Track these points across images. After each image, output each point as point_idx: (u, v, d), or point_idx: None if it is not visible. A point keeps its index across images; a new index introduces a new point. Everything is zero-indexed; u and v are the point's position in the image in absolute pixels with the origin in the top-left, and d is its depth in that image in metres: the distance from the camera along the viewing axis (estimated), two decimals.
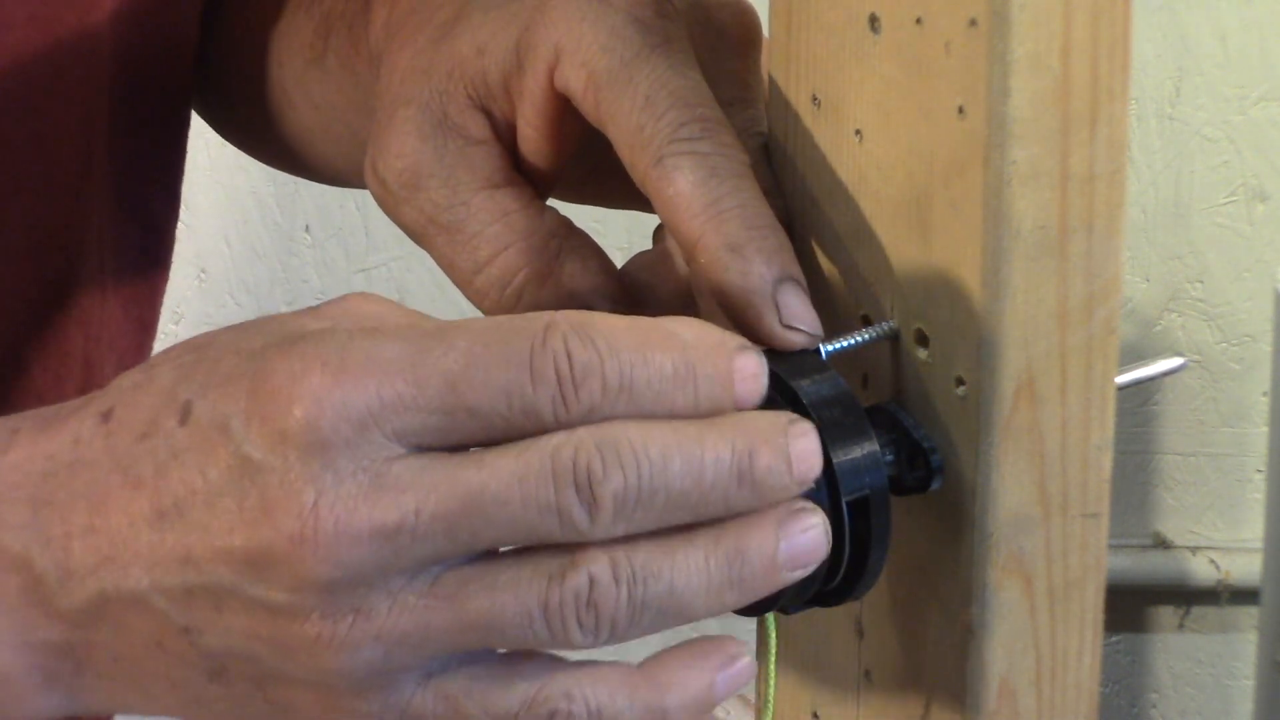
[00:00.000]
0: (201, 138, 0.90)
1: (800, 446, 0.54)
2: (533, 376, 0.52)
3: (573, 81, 0.62)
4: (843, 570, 0.57)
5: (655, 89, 0.61)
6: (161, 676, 0.55)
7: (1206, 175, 1.82)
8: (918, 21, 0.57)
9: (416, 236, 0.66)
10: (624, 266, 0.67)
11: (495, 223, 0.64)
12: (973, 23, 0.55)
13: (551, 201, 0.68)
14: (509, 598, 0.52)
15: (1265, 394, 1.83)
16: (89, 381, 0.82)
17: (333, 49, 0.77)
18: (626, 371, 0.53)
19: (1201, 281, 1.84)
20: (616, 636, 0.53)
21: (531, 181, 0.66)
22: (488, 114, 0.65)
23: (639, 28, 0.62)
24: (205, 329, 0.57)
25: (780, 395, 0.57)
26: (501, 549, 0.53)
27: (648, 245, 0.66)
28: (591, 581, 0.52)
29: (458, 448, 0.53)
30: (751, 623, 0.63)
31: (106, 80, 0.80)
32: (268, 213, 1.85)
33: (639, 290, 0.66)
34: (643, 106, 0.60)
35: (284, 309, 1.86)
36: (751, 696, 0.70)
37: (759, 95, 0.66)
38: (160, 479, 0.54)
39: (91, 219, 0.81)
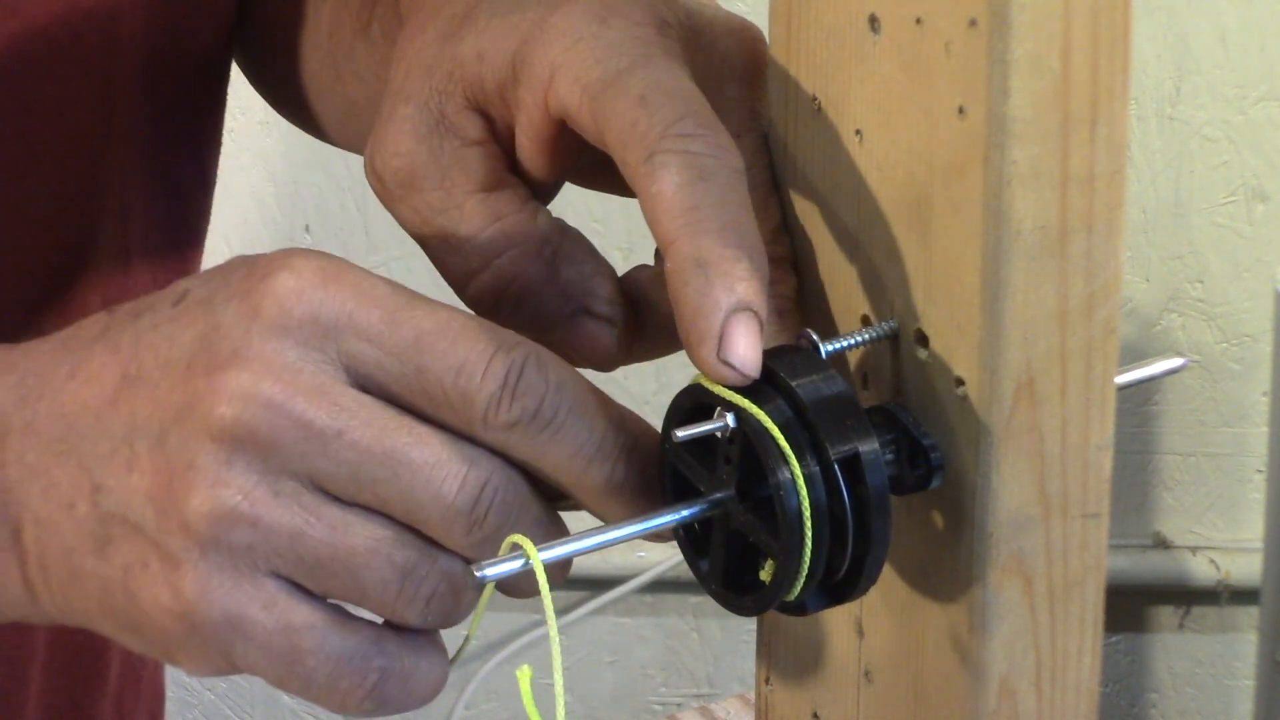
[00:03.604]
0: None
1: None
2: (487, 368, 0.56)
3: (567, 98, 0.61)
4: (847, 565, 0.57)
5: (650, 88, 0.60)
6: (58, 545, 0.57)
7: (1206, 175, 1.82)
8: (918, 22, 0.57)
9: (412, 235, 0.66)
10: (627, 275, 0.66)
11: (488, 228, 0.64)
12: (973, 23, 0.55)
13: (568, 187, 0.67)
14: (381, 553, 0.56)
15: (1265, 394, 1.83)
16: None
17: (378, 19, 0.78)
18: (561, 415, 0.57)
19: (1201, 281, 1.85)
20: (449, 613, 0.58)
21: (529, 184, 0.66)
22: (485, 116, 0.65)
23: (636, 43, 0.61)
24: None
25: (779, 395, 0.57)
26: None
27: (649, 245, 0.66)
28: (445, 576, 0.57)
29: (391, 401, 0.57)
30: (750, 622, 0.63)
31: (129, 46, 0.80)
32: (268, 213, 1.85)
33: (640, 303, 0.66)
34: (637, 104, 0.59)
35: None
36: (751, 696, 0.71)
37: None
38: (135, 347, 0.57)
39: (112, 184, 0.82)
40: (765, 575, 0.58)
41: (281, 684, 0.57)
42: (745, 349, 0.57)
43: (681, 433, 0.57)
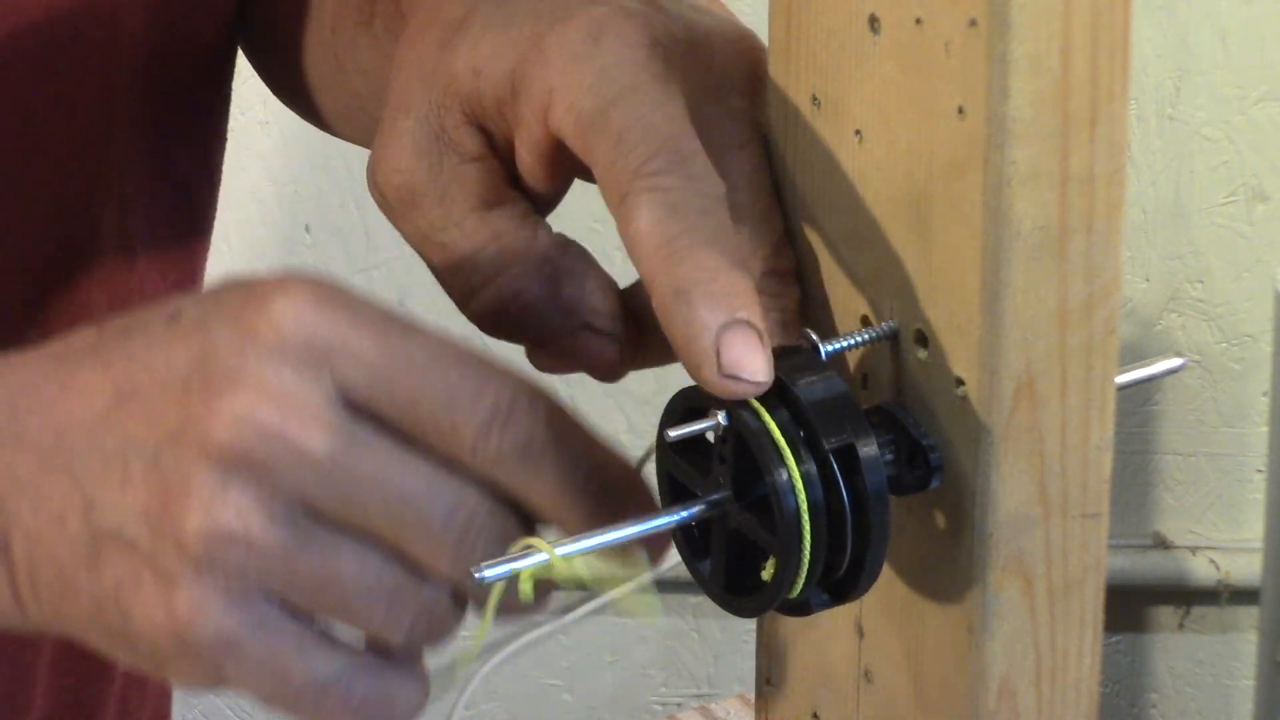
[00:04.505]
0: None
1: None
2: (476, 396, 0.57)
3: (564, 125, 0.61)
4: (847, 563, 0.57)
5: (628, 125, 0.60)
6: (49, 558, 0.58)
7: (1206, 175, 1.82)
8: (918, 22, 0.57)
9: (415, 249, 0.66)
10: (629, 288, 0.66)
11: (488, 246, 0.64)
12: (973, 23, 0.55)
13: (576, 183, 0.67)
14: (369, 577, 0.57)
15: (1265, 394, 1.83)
16: None
17: (379, 13, 0.78)
18: (548, 452, 0.58)
19: (1201, 281, 1.85)
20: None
21: (530, 196, 0.66)
22: (484, 131, 0.65)
23: (627, 67, 0.61)
24: None
25: (778, 396, 0.57)
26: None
27: None
28: (429, 601, 0.58)
29: (383, 426, 0.57)
30: (750, 622, 0.63)
31: (130, 44, 0.80)
32: (268, 213, 1.84)
33: (642, 314, 0.66)
34: (615, 144, 0.60)
35: None
36: (751, 696, 0.71)
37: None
38: (128, 364, 0.57)
39: (114, 180, 0.82)
40: (767, 575, 0.58)
41: (270, 702, 0.58)
42: (745, 359, 0.56)
43: (673, 433, 0.57)
